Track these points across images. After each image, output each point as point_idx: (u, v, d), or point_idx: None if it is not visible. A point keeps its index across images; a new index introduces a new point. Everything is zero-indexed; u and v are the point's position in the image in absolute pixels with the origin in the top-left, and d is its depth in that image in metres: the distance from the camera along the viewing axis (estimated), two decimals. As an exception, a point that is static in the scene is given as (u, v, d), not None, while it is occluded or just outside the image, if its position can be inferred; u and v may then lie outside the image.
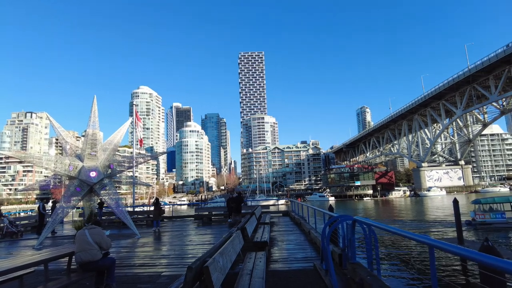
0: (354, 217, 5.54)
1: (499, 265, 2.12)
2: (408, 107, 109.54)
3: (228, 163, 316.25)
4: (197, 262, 3.39)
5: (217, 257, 3.76)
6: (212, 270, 3.32)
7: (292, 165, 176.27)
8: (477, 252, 2.51)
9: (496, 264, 2.15)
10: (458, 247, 2.69)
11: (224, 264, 4.00)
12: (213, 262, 3.51)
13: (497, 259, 2.23)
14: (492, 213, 27.61)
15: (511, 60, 71.10)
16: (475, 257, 2.42)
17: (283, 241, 10.93)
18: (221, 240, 5.10)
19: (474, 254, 2.49)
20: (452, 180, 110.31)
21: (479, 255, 2.42)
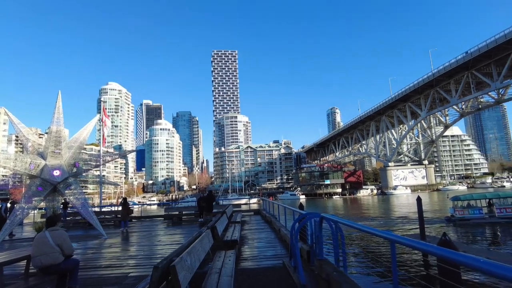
0: (322, 214, 5.67)
1: (453, 258, 2.24)
2: (376, 108, 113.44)
3: (200, 162, 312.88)
4: (163, 262, 3.35)
5: (185, 256, 3.73)
6: (179, 269, 3.29)
7: (265, 164, 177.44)
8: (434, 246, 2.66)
9: (450, 257, 2.27)
10: (417, 241, 2.83)
11: (192, 263, 3.97)
12: (181, 261, 3.47)
13: (451, 252, 2.35)
14: (471, 209, 28.77)
15: (469, 66, 75.47)
16: (432, 251, 2.56)
17: (253, 239, 11.00)
18: (189, 239, 5.05)
19: (431, 247, 2.64)
20: (417, 179, 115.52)
21: (435, 249, 2.56)
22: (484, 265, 1.88)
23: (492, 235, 24.23)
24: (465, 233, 24.78)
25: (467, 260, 2.08)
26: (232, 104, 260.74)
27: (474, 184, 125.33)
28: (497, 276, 1.78)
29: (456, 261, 2.22)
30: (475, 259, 2.01)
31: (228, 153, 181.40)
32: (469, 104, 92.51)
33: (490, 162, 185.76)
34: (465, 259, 2.10)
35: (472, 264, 2.01)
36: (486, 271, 1.85)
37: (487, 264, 1.88)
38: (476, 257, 2.04)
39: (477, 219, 27.89)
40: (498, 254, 16.79)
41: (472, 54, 71.90)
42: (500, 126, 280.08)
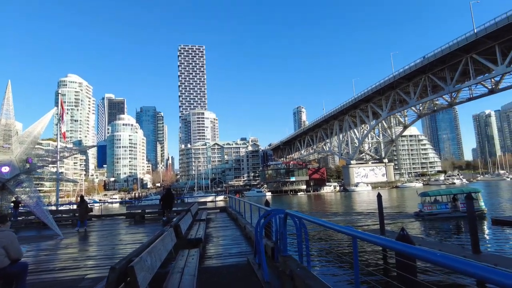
0: (286, 211, 5.71)
1: (408, 251, 2.33)
2: (339, 108, 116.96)
3: (165, 159, 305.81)
4: (122, 262, 3.18)
5: (145, 256, 3.58)
6: (138, 270, 3.14)
7: (232, 162, 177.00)
8: (391, 240, 2.74)
9: (406, 250, 2.35)
10: (377, 237, 2.91)
11: (153, 263, 3.82)
12: (140, 261, 3.32)
13: (405, 245, 2.44)
14: (438, 205, 30.42)
15: (426, 70, 79.91)
16: (389, 245, 2.63)
17: (218, 237, 10.91)
18: (151, 238, 4.88)
19: (388, 242, 2.71)
20: (377, 176, 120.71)
21: (392, 243, 2.64)
22: (436, 257, 1.98)
23: (455, 228, 25.78)
24: (433, 227, 26.23)
25: (420, 253, 2.17)
26: (199, 100, 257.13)
27: (429, 182, 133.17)
28: (445, 267, 1.90)
29: (410, 254, 2.32)
30: (428, 252, 2.11)
31: (195, 150, 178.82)
32: (425, 106, 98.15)
33: (443, 160, 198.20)
34: (419, 252, 2.20)
35: (425, 257, 2.10)
36: (437, 263, 1.95)
37: (438, 256, 1.98)
38: (429, 250, 2.14)
39: (444, 213, 29.50)
40: (449, 246, 17.95)
41: (429, 59, 76.12)
42: (452, 128, 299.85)
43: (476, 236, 15.84)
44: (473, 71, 68.32)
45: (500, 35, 59.52)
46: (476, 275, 1.62)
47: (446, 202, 30.79)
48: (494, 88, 74.04)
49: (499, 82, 71.81)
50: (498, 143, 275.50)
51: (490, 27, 59.58)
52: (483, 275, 1.58)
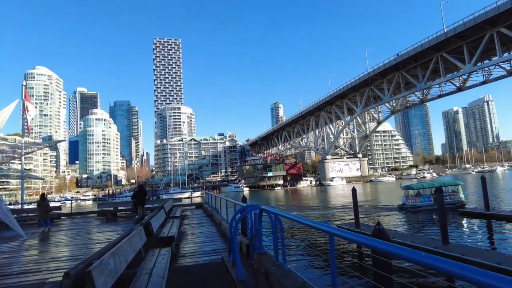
0: (261, 207, 5.53)
1: (383, 248, 2.26)
2: (315, 104, 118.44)
3: (140, 155, 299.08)
4: (79, 266, 2.88)
5: (107, 259, 3.27)
6: (97, 274, 2.84)
7: (209, 157, 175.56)
8: (368, 238, 2.61)
9: (379, 247, 2.29)
10: (354, 234, 2.77)
11: (117, 266, 3.52)
12: (100, 264, 3.02)
13: (380, 242, 2.36)
14: (421, 197, 31.23)
15: (399, 67, 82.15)
16: (366, 243, 2.50)
17: (193, 234, 10.60)
18: (117, 238, 4.54)
19: (365, 240, 2.58)
20: (352, 171, 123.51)
21: (368, 240, 2.51)
22: (407, 253, 2.01)
23: (436, 220, 26.57)
24: (416, 219, 27.03)
25: (392, 249, 2.17)
26: (175, 94, 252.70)
27: (401, 176, 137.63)
28: (415, 262, 1.94)
29: (382, 250, 2.29)
30: (400, 248, 2.13)
31: (171, 146, 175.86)
32: (399, 102, 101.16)
33: (415, 155, 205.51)
34: (390, 248, 2.20)
35: (397, 253, 2.12)
36: (408, 259, 1.97)
37: (408, 252, 2.02)
38: (401, 247, 2.15)
39: (426, 206, 30.40)
40: (421, 238, 18.51)
41: (402, 57, 78.26)
42: (423, 123, 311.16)
43: (445, 228, 16.38)
44: (443, 69, 70.90)
45: (468, 35, 61.96)
46: (440, 268, 1.68)
47: (429, 195, 31.70)
48: (461, 86, 77.36)
49: (466, 80, 75.07)
50: (464, 139, 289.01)
51: (458, 27, 61.88)
52: (447, 268, 1.65)
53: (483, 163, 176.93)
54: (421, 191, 32.35)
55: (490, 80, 71.46)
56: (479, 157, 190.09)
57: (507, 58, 61.34)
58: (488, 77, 71.46)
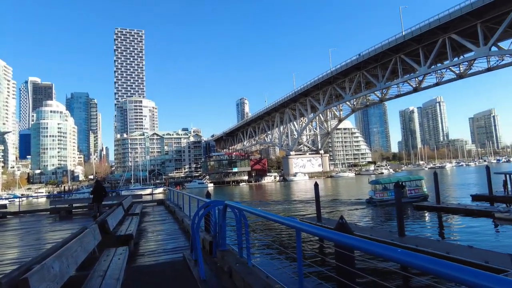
0: (225, 202, 5.34)
1: (344, 241, 2.27)
2: (280, 101, 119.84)
3: (99, 150, 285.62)
4: (13, 273, 2.51)
5: (50, 262, 2.91)
6: (36, 281, 2.49)
7: (172, 153, 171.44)
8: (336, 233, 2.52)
9: (342, 240, 2.30)
10: (321, 229, 2.67)
11: (63, 270, 3.16)
12: (41, 270, 2.66)
13: (342, 235, 2.35)
14: (388, 192, 31.94)
15: (360, 67, 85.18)
16: (331, 237, 2.43)
17: (153, 232, 10.15)
18: (65, 238, 4.13)
19: (331, 234, 2.49)
20: (314, 167, 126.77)
21: (334, 234, 2.44)
22: (368, 245, 2.08)
23: (414, 212, 27.68)
24: (381, 213, 28.03)
25: (354, 242, 2.19)
26: (137, 87, 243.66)
27: (360, 172, 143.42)
28: (373, 254, 2.02)
29: (349, 245, 2.32)
30: (361, 241, 2.17)
31: (132, 140, 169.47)
32: (359, 101, 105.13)
33: (373, 152, 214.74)
34: (349, 241, 2.24)
35: (358, 246, 2.15)
36: (369, 251, 2.06)
37: (370, 244, 2.09)
38: (363, 240, 2.19)
39: (393, 200, 31.41)
40: (379, 231, 19.29)
41: (364, 57, 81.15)
42: (382, 122, 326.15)
43: (402, 221, 17.18)
44: (401, 70, 74.51)
45: (423, 39, 65.51)
46: (395, 258, 1.79)
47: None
48: (417, 87, 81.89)
49: (421, 81, 79.56)
50: (419, 137, 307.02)
51: (415, 31, 65.20)
52: (401, 258, 1.75)
53: (434, 160, 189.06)
54: (388, 185, 33.48)
55: (442, 82, 76.29)
56: (431, 154, 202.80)
57: (457, 62, 65.75)
58: (441, 79, 76.25)
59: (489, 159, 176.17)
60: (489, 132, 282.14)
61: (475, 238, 17.42)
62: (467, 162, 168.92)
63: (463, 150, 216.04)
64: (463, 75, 70.15)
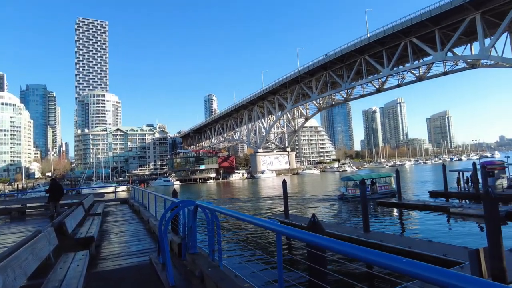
0: (197, 202, 5.06)
1: (316, 241, 2.26)
2: (249, 98, 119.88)
3: (58, 146, 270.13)
4: None
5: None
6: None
7: (136, 149, 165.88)
8: (320, 236, 2.38)
9: (315, 241, 2.27)
10: (303, 232, 2.51)
11: (9, 283, 2.75)
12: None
13: (314, 235, 2.32)
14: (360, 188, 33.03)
15: (327, 67, 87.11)
16: (312, 240, 2.31)
17: (117, 233, 9.57)
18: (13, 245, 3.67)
19: (312, 237, 2.35)
20: (281, 164, 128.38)
21: (313, 237, 2.32)
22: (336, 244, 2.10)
23: (372, 208, 28.46)
24: (352, 209, 28.66)
25: (324, 242, 2.20)
26: (99, 81, 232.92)
27: (325, 169, 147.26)
28: (340, 253, 2.08)
29: (319, 245, 2.31)
30: (331, 241, 2.18)
31: (93, 136, 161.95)
32: (325, 100, 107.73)
33: (337, 150, 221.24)
34: (318, 240, 2.25)
35: (328, 246, 2.16)
36: (336, 250, 2.09)
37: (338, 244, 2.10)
38: (331, 239, 2.20)
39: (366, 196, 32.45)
40: (345, 227, 19.73)
41: (330, 57, 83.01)
42: (346, 121, 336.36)
43: (367, 217, 17.67)
44: (365, 71, 77.08)
45: (387, 42, 68.17)
46: (359, 257, 1.85)
47: (367, 186, 34.10)
48: (380, 88, 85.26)
49: (384, 82, 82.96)
50: (380, 136, 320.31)
51: (380, 34, 67.66)
52: (365, 256, 1.82)
53: (395, 158, 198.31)
54: (359, 182, 34.88)
55: (403, 83, 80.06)
56: (392, 152, 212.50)
57: (417, 65, 69.21)
58: (402, 81, 79.98)
59: (444, 157, 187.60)
60: (444, 132, 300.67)
61: (434, 232, 18.33)
62: (424, 160, 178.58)
63: (421, 149, 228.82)
64: (422, 77, 74.09)
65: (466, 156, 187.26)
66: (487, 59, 54.01)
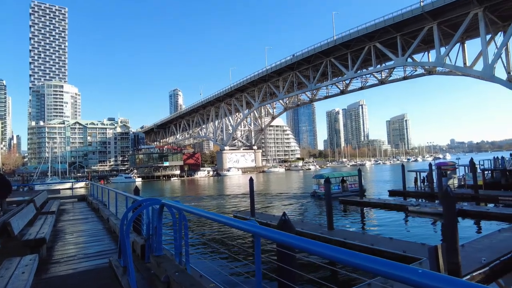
0: (162, 201, 4.70)
1: (284, 240, 2.18)
2: (216, 95, 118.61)
3: (8, 138, 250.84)
4: None
5: None
6: None
7: (96, 144, 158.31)
8: (294, 236, 2.20)
9: (284, 240, 2.20)
10: (281, 233, 2.31)
11: None
12: None
13: (281, 234, 2.26)
14: (332, 186, 33.71)
15: (294, 67, 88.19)
16: (290, 242, 2.13)
17: (73, 233, 8.84)
18: None
19: (286, 237, 2.17)
20: (247, 162, 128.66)
21: (291, 238, 2.16)
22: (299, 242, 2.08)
23: (337, 207, 28.93)
24: (321, 206, 29.03)
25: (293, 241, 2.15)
26: (57, 70, 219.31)
27: (290, 167, 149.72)
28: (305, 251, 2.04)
29: (287, 244, 2.26)
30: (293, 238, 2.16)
31: (50, 129, 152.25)
32: (291, 100, 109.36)
33: (302, 149, 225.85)
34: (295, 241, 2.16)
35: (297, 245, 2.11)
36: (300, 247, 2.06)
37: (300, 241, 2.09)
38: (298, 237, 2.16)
39: (336, 193, 33.14)
40: (309, 225, 20.00)
41: (297, 58, 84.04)
42: (310, 121, 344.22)
43: (331, 215, 17.99)
44: (330, 73, 78.98)
45: (352, 45, 70.23)
46: (324, 254, 1.87)
47: (338, 184, 35.29)
48: (344, 90, 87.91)
49: (348, 84, 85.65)
50: (343, 136, 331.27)
51: (345, 37, 69.52)
52: (329, 254, 1.85)
53: (356, 158, 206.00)
54: (331, 180, 35.82)
55: (366, 86, 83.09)
56: (353, 152, 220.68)
57: (379, 69, 72.05)
58: (365, 84, 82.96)
59: (401, 158, 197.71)
60: (402, 135, 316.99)
61: (394, 229, 19.09)
62: (383, 161, 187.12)
63: (381, 150, 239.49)
64: (384, 81, 77.35)
65: (422, 157, 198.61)
66: (442, 66, 57.39)
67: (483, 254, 11.68)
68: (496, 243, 13.23)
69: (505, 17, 48.92)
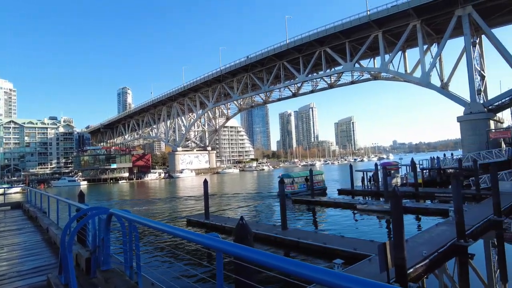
0: (110, 210, 4.33)
1: (239, 253, 2.12)
2: (168, 94, 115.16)
3: None
4: None
5: None
6: None
7: (36, 145, 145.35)
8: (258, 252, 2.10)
9: (240, 253, 2.12)
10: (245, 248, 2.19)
11: None
12: None
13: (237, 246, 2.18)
14: (298, 185, 35.21)
15: (248, 69, 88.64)
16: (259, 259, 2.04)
17: (3, 247, 7.86)
18: None
19: (254, 253, 2.06)
20: (201, 163, 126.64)
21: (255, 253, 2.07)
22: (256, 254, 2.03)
23: (294, 206, 29.21)
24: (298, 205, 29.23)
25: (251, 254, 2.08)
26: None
27: (244, 168, 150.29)
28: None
29: (242, 257, 2.16)
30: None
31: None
32: (245, 101, 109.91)
33: (256, 150, 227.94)
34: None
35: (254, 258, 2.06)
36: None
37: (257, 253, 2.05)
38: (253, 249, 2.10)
39: (302, 192, 34.41)
40: (264, 225, 20.12)
41: (251, 59, 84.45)
42: (264, 122, 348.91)
43: (285, 215, 18.26)
44: (283, 76, 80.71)
45: (304, 49, 72.37)
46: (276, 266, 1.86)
47: (303, 183, 36.37)
48: (296, 93, 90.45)
49: (300, 88, 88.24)
50: (294, 137, 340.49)
51: (297, 41, 71.43)
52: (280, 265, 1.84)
53: (307, 158, 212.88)
54: (296, 179, 36.84)
55: (316, 90, 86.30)
56: (304, 153, 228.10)
57: (329, 73, 75.16)
58: (315, 87, 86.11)
59: (349, 158, 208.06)
60: (349, 136, 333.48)
61: (344, 227, 19.91)
62: (332, 161, 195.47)
63: (329, 150, 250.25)
64: (333, 85, 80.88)
65: (367, 157, 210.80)
66: (386, 72, 61.46)
67: (424, 247, 12.64)
68: (434, 237, 14.39)
69: (439, 30, 53.79)
